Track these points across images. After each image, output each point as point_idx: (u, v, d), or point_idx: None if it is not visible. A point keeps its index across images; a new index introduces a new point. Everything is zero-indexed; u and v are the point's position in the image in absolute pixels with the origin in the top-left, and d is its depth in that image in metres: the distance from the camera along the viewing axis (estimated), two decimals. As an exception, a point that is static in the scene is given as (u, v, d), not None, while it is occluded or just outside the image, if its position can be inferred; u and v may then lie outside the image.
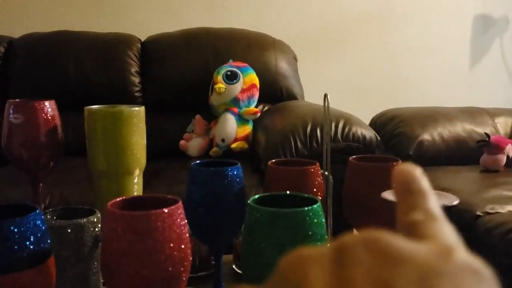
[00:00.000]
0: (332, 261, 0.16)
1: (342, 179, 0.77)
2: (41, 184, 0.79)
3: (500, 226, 1.15)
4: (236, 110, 1.82)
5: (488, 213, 1.23)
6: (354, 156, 0.71)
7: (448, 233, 0.18)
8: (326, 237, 0.48)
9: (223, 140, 1.79)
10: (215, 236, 0.68)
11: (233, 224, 0.68)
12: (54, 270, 0.49)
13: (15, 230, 0.45)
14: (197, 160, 0.72)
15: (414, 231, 0.18)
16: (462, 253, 0.17)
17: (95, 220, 0.66)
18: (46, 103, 0.76)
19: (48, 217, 0.66)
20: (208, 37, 2.02)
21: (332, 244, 0.17)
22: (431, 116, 1.71)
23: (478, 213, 1.24)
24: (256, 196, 0.51)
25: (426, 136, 1.65)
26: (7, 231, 0.44)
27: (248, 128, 1.83)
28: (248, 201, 0.49)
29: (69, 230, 0.63)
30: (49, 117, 0.76)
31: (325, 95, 0.80)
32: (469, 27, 2.46)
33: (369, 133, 1.47)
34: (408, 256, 0.16)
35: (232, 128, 1.80)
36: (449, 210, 0.43)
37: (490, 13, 2.47)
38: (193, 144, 1.88)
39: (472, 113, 1.76)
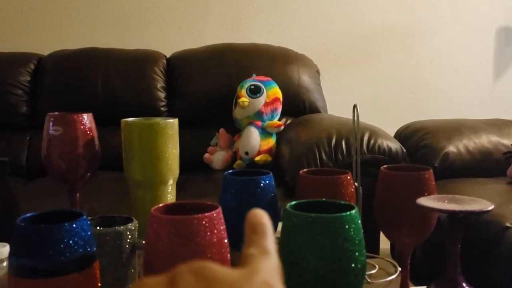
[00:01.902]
0: (166, 284, 0.21)
1: (368, 191, 0.78)
2: (78, 194, 0.81)
3: (530, 238, 1.13)
4: (259, 123, 1.84)
5: (518, 225, 1.21)
6: (385, 166, 0.72)
7: (264, 261, 0.23)
8: (363, 242, 0.49)
9: (246, 153, 1.81)
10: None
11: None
12: (99, 274, 0.51)
13: (65, 234, 0.47)
14: (223, 172, 0.73)
15: (246, 261, 0.24)
16: (263, 276, 0.22)
17: (133, 227, 0.68)
18: (84, 115, 0.79)
19: (88, 225, 0.69)
20: (231, 52, 2.06)
21: (167, 273, 0.21)
22: (456, 128, 1.70)
23: (507, 224, 1.22)
24: (293, 203, 0.52)
25: (451, 148, 1.64)
26: (58, 235, 0.47)
27: (271, 141, 1.84)
28: (286, 207, 0.50)
29: (108, 237, 0.65)
30: (87, 129, 0.79)
31: (355, 106, 0.81)
32: (492, 39, 2.45)
33: (395, 145, 1.48)
34: (222, 278, 0.21)
35: (255, 141, 1.82)
36: (484, 214, 0.44)
37: (514, 25, 2.46)
38: (217, 157, 1.90)
39: (497, 125, 1.75)
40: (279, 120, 1.91)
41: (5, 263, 0.67)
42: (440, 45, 2.42)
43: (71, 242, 0.47)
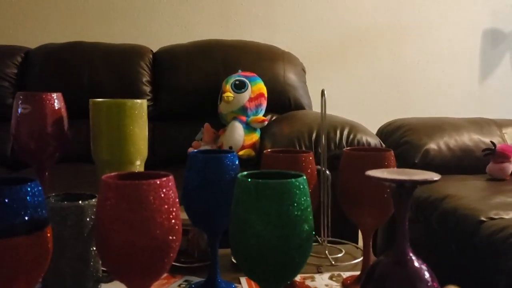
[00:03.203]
0: None
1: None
2: (46, 173, 0.82)
3: (503, 231, 1.14)
4: (244, 118, 1.85)
5: (492, 219, 1.22)
6: (349, 148, 0.73)
7: None
8: (310, 209, 0.49)
9: (230, 148, 1.81)
10: (211, 221, 0.70)
11: (229, 210, 0.69)
12: (51, 240, 0.51)
13: (14, 196, 0.47)
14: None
15: None
16: None
17: (95, 203, 0.68)
18: (53, 94, 0.79)
19: (51, 200, 0.69)
20: (218, 48, 2.06)
21: None
22: (438, 126, 1.72)
23: (482, 218, 1.23)
24: (245, 173, 0.53)
25: (432, 145, 1.65)
26: (7, 196, 0.47)
27: (255, 136, 1.85)
28: (238, 175, 0.51)
29: (69, 212, 0.66)
30: (56, 109, 0.80)
31: (322, 91, 0.82)
32: (479, 41, 2.48)
33: (374, 140, 1.48)
34: None
35: (239, 135, 1.83)
36: (430, 184, 0.45)
37: (500, 28, 2.48)
38: (201, 152, 1.90)
39: (479, 124, 1.76)
40: (264, 116, 1.92)
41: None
42: (427, 46, 2.44)
43: (20, 204, 0.47)
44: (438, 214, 1.35)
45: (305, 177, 0.49)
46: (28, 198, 0.48)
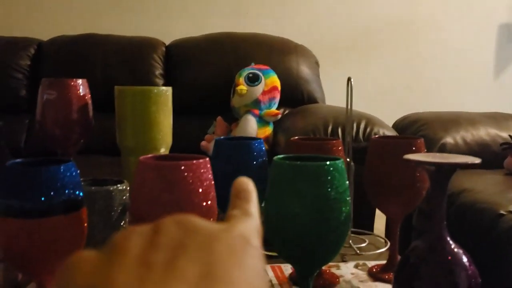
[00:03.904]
0: (150, 232, 0.22)
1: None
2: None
3: (523, 224, 1.14)
4: (257, 111, 1.84)
5: (511, 212, 1.21)
6: (376, 136, 0.72)
7: (244, 220, 0.25)
8: (348, 192, 0.49)
9: (244, 141, 1.81)
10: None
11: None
12: (86, 221, 0.51)
13: (52, 176, 0.47)
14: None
15: (227, 220, 0.26)
16: (241, 230, 0.23)
17: (124, 188, 0.68)
18: (79, 81, 0.79)
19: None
20: (231, 41, 2.06)
21: (152, 222, 0.23)
22: (454, 120, 1.70)
23: (501, 212, 1.22)
24: (280, 156, 0.53)
25: (448, 139, 1.64)
26: (45, 177, 0.47)
27: (268, 130, 1.84)
28: (274, 158, 0.51)
29: (98, 196, 0.66)
30: (81, 95, 0.80)
31: (349, 79, 0.81)
32: (494, 35, 2.46)
33: (391, 133, 1.48)
34: (202, 228, 0.22)
35: (252, 129, 1.82)
36: (470, 167, 0.44)
37: (514, 23, 2.46)
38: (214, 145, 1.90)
39: (496, 118, 1.75)
40: (277, 109, 1.91)
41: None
42: (442, 40, 2.42)
43: (58, 184, 0.47)
44: (456, 208, 1.35)
45: (342, 160, 0.49)
46: (65, 178, 0.48)
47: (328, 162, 0.47)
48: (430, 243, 0.51)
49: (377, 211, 1.44)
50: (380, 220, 1.56)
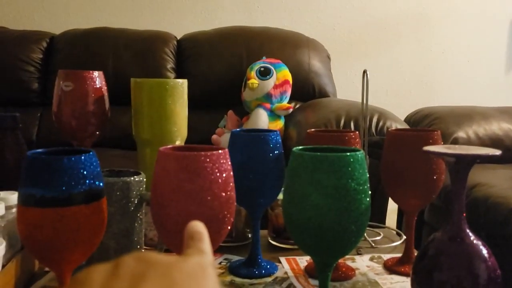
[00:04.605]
0: (111, 267, 0.23)
1: (377, 172, 0.77)
2: (87, 152, 0.82)
3: (537, 219, 1.13)
4: (268, 105, 1.84)
5: (525, 207, 1.21)
6: (393, 128, 0.72)
7: (199, 254, 0.27)
8: (368, 184, 0.49)
9: (255, 135, 1.81)
10: (253, 200, 0.70)
11: (271, 188, 0.69)
12: (106, 210, 0.51)
13: (73, 166, 0.48)
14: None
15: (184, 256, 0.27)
16: (197, 259, 0.25)
17: (141, 180, 0.68)
18: (95, 73, 0.80)
19: (96, 176, 0.69)
20: (242, 35, 2.06)
21: (112, 261, 0.24)
22: (467, 115, 1.69)
23: (515, 206, 1.22)
24: (300, 147, 0.53)
25: (461, 134, 1.63)
26: (66, 167, 0.47)
27: (280, 124, 1.84)
28: (293, 149, 0.51)
29: (116, 187, 0.66)
30: (97, 87, 0.80)
31: (365, 71, 0.81)
32: (506, 31, 2.43)
33: (402, 127, 1.47)
34: (160, 260, 0.23)
35: (264, 123, 1.82)
36: (490, 159, 0.44)
37: (528, 17, 2.43)
38: (225, 139, 1.90)
39: (509, 113, 1.74)
40: (289, 103, 1.91)
41: (14, 209, 0.68)
42: (453, 35, 2.40)
43: (80, 174, 0.48)
44: (468, 203, 1.34)
45: (362, 152, 0.49)
46: (86, 168, 0.48)
47: (349, 153, 0.47)
48: (449, 235, 0.51)
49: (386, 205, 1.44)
50: (391, 215, 1.55)
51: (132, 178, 0.67)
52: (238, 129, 0.73)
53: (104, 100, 0.81)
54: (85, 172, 0.48)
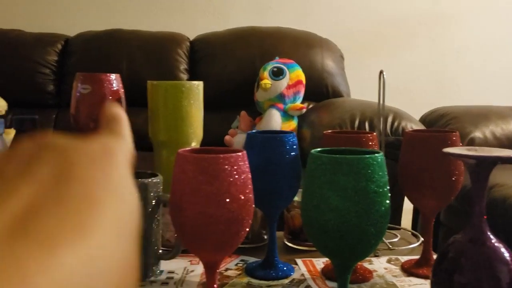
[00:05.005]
0: (8, 151, 0.21)
1: (392, 172, 0.76)
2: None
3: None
4: (281, 106, 1.84)
5: (544, 208, 1.19)
6: (410, 129, 0.71)
7: (110, 137, 0.24)
8: (387, 186, 0.49)
9: (269, 135, 1.81)
10: (270, 202, 0.70)
11: (288, 190, 0.69)
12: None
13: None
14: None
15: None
16: (102, 141, 0.22)
17: (158, 181, 0.69)
18: (112, 75, 0.80)
19: (114, 178, 0.70)
20: (255, 35, 2.06)
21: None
22: (483, 114, 1.68)
23: (533, 207, 1.20)
24: (318, 149, 0.52)
25: (477, 134, 1.62)
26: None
27: (293, 124, 1.84)
28: (311, 151, 0.51)
29: (133, 189, 0.66)
30: (115, 89, 0.80)
31: (381, 72, 0.81)
32: (521, 28, 2.41)
33: (419, 127, 1.46)
34: (59, 142, 0.21)
35: (277, 123, 1.82)
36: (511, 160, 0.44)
37: (544, 15, 2.40)
38: (237, 139, 1.90)
39: (525, 112, 1.72)
40: (302, 103, 1.91)
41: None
42: (467, 34, 2.38)
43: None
44: (486, 203, 1.32)
45: (382, 154, 0.49)
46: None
47: (369, 156, 0.47)
48: (470, 237, 0.50)
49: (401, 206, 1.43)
50: (405, 215, 1.54)
51: (150, 180, 0.68)
52: (254, 131, 0.73)
53: (121, 103, 0.82)
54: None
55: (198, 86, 0.80)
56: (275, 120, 1.82)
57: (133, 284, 0.20)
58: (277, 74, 1.84)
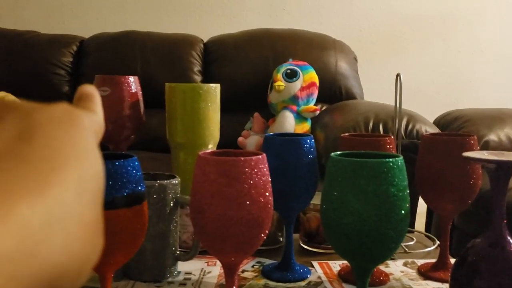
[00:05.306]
0: None
1: (407, 175, 0.76)
2: (122, 155, 0.84)
3: None
4: (294, 108, 1.84)
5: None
6: (428, 132, 0.71)
7: (78, 109, 0.24)
8: (407, 190, 0.49)
9: (282, 137, 1.81)
10: (287, 204, 0.70)
11: (305, 192, 0.69)
12: (147, 214, 0.53)
13: (118, 171, 0.49)
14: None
15: None
16: (66, 106, 0.22)
17: (176, 183, 0.70)
18: (131, 78, 0.81)
19: (132, 179, 0.71)
20: (268, 37, 2.06)
21: None
22: (498, 117, 1.66)
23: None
24: (338, 152, 0.53)
25: (492, 137, 1.60)
26: (111, 171, 0.48)
27: (306, 126, 1.84)
28: (331, 155, 0.51)
29: (153, 190, 0.67)
30: (133, 92, 0.81)
31: (398, 75, 0.81)
32: (537, 30, 2.38)
33: (433, 130, 1.45)
34: (22, 105, 0.21)
35: (290, 125, 1.82)
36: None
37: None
38: (251, 141, 1.91)
39: (541, 115, 1.70)
40: (315, 105, 1.91)
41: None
42: (482, 35, 2.36)
43: (123, 178, 0.49)
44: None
45: (402, 158, 0.49)
46: (130, 172, 0.50)
47: (389, 159, 0.47)
48: (490, 241, 0.50)
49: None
50: (419, 219, 1.54)
51: (168, 181, 0.68)
52: (271, 133, 0.73)
53: (139, 105, 0.83)
54: (128, 176, 0.49)
55: (215, 88, 0.81)
56: (288, 122, 1.83)
57: (96, 240, 0.20)
58: (291, 76, 1.85)
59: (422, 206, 1.28)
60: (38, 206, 0.17)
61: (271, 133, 0.73)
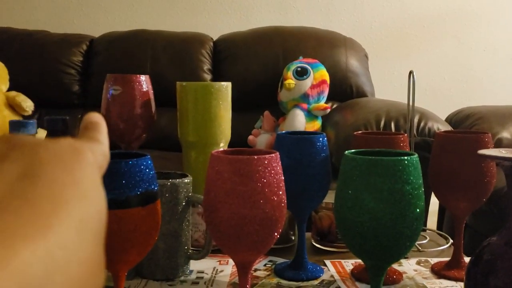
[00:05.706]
0: None
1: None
2: (134, 153, 0.84)
3: None
4: (305, 106, 1.84)
5: None
6: (441, 130, 0.71)
7: (84, 140, 0.25)
8: (422, 188, 0.48)
9: (292, 135, 1.81)
10: (299, 203, 0.70)
11: (317, 191, 0.69)
12: (160, 212, 0.53)
13: (132, 170, 0.49)
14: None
15: None
16: (71, 142, 0.23)
17: (188, 182, 0.70)
18: (142, 77, 0.81)
19: (145, 178, 0.71)
20: (278, 35, 2.06)
21: None
22: (511, 114, 1.64)
23: None
24: (352, 150, 0.52)
25: (505, 134, 1.59)
26: (125, 170, 0.49)
27: (317, 124, 1.83)
28: (345, 153, 0.50)
29: (165, 189, 0.67)
30: (144, 91, 0.82)
31: (411, 72, 0.80)
32: (550, 26, 2.35)
33: (446, 128, 1.44)
34: (28, 141, 0.21)
35: (301, 123, 1.82)
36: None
37: None
38: (261, 139, 1.91)
39: (555, 112, 1.68)
40: (326, 103, 1.90)
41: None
42: (494, 32, 2.34)
43: (136, 177, 0.49)
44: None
45: (417, 156, 0.48)
46: (143, 171, 0.50)
47: (405, 157, 0.47)
48: (506, 240, 0.50)
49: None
50: (430, 218, 1.52)
51: (180, 180, 0.68)
52: (283, 132, 0.73)
53: (150, 104, 0.83)
54: (142, 175, 0.49)
55: (226, 87, 0.81)
56: (299, 120, 1.82)
57: (96, 280, 0.20)
58: (301, 74, 1.84)
59: (433, 204, 1.28)
60: (40, 250, 0.17)
61: (283, 131, 0.73)
